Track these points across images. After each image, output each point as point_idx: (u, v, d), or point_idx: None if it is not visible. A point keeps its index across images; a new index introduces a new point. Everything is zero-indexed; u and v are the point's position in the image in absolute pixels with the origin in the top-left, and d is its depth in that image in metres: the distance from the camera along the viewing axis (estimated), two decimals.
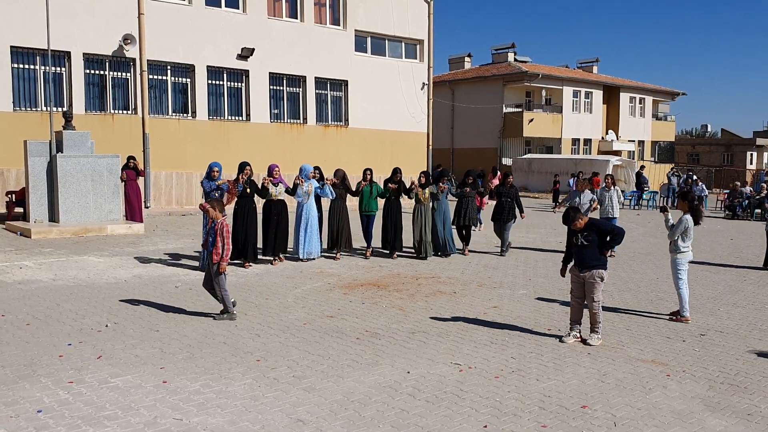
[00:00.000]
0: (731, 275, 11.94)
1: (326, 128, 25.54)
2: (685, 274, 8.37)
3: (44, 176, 15.48)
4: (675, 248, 8.40)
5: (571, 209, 7.34)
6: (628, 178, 35.06)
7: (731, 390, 5.87)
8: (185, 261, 11.98)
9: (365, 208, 12.92)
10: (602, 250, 7.23)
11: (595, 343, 7.13)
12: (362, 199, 12.91)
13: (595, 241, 7.16)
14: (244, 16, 23.01)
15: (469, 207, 13.53)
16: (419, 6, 27.91)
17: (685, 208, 8.46)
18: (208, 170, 11.19)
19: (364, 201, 12.90)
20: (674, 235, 8.35)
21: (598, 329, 7.26)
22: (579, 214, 7.26)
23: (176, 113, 22.09)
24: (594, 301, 7.18)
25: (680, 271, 8.35)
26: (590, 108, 44.95)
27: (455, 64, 48.38)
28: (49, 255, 12.19)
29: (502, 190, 13.85)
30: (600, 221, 7.61)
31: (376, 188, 12.92)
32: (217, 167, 11.16)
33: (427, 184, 12.94)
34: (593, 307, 7.20)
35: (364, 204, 12.91)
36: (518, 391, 5.72)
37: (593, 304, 7.19)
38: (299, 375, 5.99)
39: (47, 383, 5.63)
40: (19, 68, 18.95)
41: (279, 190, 11.77)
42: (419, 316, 8.31)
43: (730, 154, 60.84)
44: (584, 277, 7.20)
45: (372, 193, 12.84)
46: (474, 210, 13.76)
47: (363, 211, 12.97)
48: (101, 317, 7.90)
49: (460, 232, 13.68)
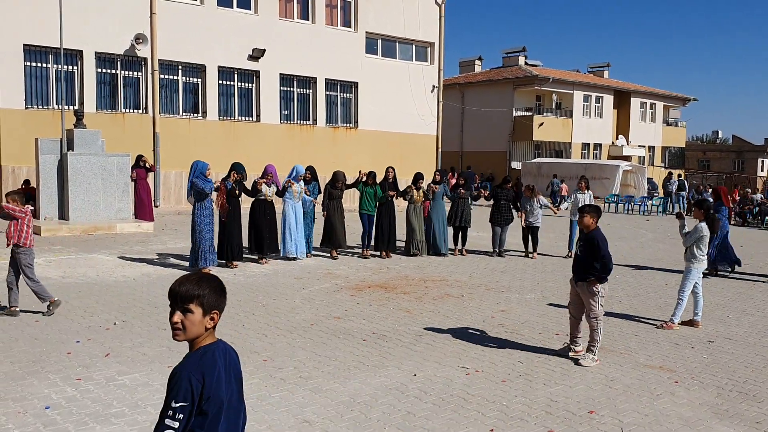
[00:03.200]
0: (741, 282, 11.87)
1: (336, 130, 25.56)
2: (691, 285, 8.19)
3: (55, 174, 15.56)
4: (690, 257, 8.21)
5: (586, 205, 6.96)
6: (638, 184, 34.93)
7: (740, 398, 5.83)
8: None
9: (365, 208, 13.01)
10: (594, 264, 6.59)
11: (586, 364, 6.54)
12: (362, 199, 13.02)
13: (589, 255, 6.64)
14: (255, 17, 23.07)
15: (465, 208, 13.62)
16: (430, 9, 27.91)
17: (701, 217, 8.25)
18: (202, 169, 10.65)
19: (364, 201, 12.99)
20: (688, 242, 8.19)
21: (594, 349, 6.65)
22: (589, 213, 6.78)
23: (187, 113, 22.17)
24: (591, 317, 6.64)
25: (688, 281, 8.19)
26: (600, 113, 44.82)
27: (465, 67, 48.35)
28: (58, 252, 12.25)
29: (500, 192, 13.86)
30: (601, 241, 6.64)
31: (377, 190, 13.04)
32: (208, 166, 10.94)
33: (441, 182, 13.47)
34: (590, 324, 6.65)
35: (365, 204, 13.00)
36: (525, 395, 5.70)
37: (590, 320, 6.65)
38: (306, 376, 5.99)
39: (55, 380, 5.65)
40: (32, 66, 19.06)
41: (272, 190, 11.90)
42: (427, 318, 8.30)
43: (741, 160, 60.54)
44: (579, 288, 6.75)
45: (375, 194, 12.98)
46: (469, 211, 13.79)
47: (363, 210, 13.05)
48: (109, 315, 7.93)
49: (456, 233, 13.78)
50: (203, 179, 10.55)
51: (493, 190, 14.34)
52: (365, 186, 12.94)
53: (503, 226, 13.72)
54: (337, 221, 12.68)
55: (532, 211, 13.70)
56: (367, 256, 12.90)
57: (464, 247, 13.83)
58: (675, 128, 51.67)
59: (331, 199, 12.70)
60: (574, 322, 6.92)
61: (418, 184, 13.23)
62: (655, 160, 48.56)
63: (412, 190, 13.15)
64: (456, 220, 13.61)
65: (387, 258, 12.91)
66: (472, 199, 14.11)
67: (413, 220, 13.22)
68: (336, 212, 12.72)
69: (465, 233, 13.84)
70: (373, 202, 12.99)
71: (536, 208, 13.72)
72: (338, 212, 12.76)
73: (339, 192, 12.81)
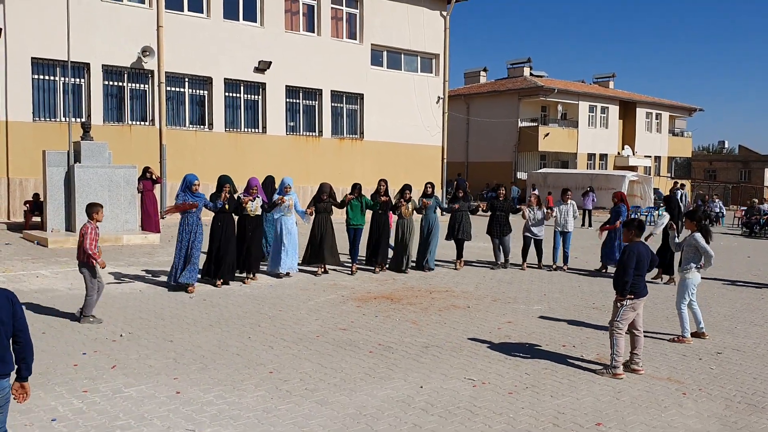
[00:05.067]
0: (748, 293, 11.80)
1: (341, 141, 25.63)
2: (688, 296, 8.08)
3: (62, 186, 15.63)
4: (684, 268, 8.18)
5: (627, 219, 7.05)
6: (645, 194, 34.84)
7: (748, 410, 5.79)
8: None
9: (352, 221, 12.62)
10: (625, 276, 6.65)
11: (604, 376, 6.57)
12: (349, 212, 12.62)
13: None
14: (261, 29, 23.21)
15: (463, 221, 13.33)
16: (435, 20, 28.03)
17: (693, 228, 8.22)
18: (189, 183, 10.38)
19: (351, 214, 12.60)
20: (685, 253, 8.17)
21: (610, 362, 6.63)
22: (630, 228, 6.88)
23: (193, 125, 22.27)
24: (610, 327, 6.72)
25: (685, 292, 8.09)
26: (606, 123, 44.84)
27: (471, 78, 48.49)
28: (65, 264, 12.28)
29: (496, 203, 13.70)
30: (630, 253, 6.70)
31: (365, 201, 12.65)
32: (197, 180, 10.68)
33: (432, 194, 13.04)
34: (609, 334, 6.73)
35: (351, 217, 12.60)
36: (532, 407, 5.67)
37: (610, 329, 6.74)
38: (312, 388, 5.98)
39: (61, 392, 5.66)
40: (40, 79, 19.20)
41: (256, 205, 11.12)
42: (433, 330, 8.28)
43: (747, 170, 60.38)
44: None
45: (362, 207, 12.57)
46: (468, 223, 13.45)
47: (350, 224, 12.68)
48: (116, 327, 7.94)
49: (458, 245, 13.52)
50: (190, 194, 10.37)
51: (490, 201, 14.14)
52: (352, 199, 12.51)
53: (501, 237, 13.55)
54: (325, 235, 11.93)
55: (535, 223, 13.59)
56: (354, 272, 12.27)
57: (462, 260, 13.55)
58: (681, 138, 51.63)
59: (317, 213, 11.99)
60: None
61: (405, 195, 12.79)
62: (661, 170, 48.51)
63: (402, 204, 12.73)
64: (456, 233, 13.34)
65: (381, 272, 12.54)
66: (471, 212, 13.56)
67: (402, 234, 12.76)
68: (321, 227, 11.97)
69: (461, 246, 13.54)
70: (360, 214, 12.58)
71: (540, 218, 13.63)
72: (325, 226, 12.00)
73: (325, 205, 12.08)
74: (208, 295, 9.96)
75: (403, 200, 12.81)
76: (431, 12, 27.79)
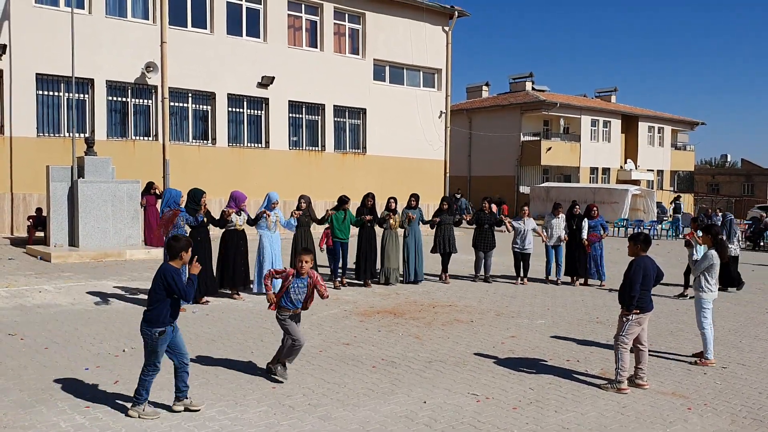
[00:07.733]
0: (753, 307, 11.75)
1: (344, 155, 25.69)
2: (709, 314, 7.79)
3: (65, 201, 15.67)
4: (698, 286, 7.86)
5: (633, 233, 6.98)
6: (647, 208, 34.80)
7: (754, 425, 5.75)
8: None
9: (336, 235, 12.33)
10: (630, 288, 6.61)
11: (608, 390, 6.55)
12: (334, 226, 12.35)
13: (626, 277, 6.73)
14: (264, 45, 23.34)
15: (448, 234, 13.36)
16: (437, 36, 28.17)
17: (709, 243, 7.93)
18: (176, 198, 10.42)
19: (335, 228, 12.34)
20: (697, 272, 7.87)
21: (615, 377, 6.61)
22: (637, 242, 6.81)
23: (196, 140, 22.34)
24: (615, 341, 6.68)
25: (705, 310, 7.76)
26: (608, 137, 44.89)
27: (473, 92, 48.61)
28: (68, 279, 12.29)
29: (482, 216, 13.72)
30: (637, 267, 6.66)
31: (349, 216, 12.46)
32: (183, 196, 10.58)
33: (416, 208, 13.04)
34: (614, 348, 6.68)
35: (335, 231, 12.33)
36: (536, 422, 5.64)
37: (615, 344, 6.69)
38: (315, 403, 5.96)
39: (64, 407, 5.64)
40: (44, 95, 19.30)
41: (242, 219, 10.89)
42: (436, 344, 8.25)
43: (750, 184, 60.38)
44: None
45: (344, 220, 12.37)
46: (453, 236, 13.50)
47: (334, 237, 12.34)
48: (119, 342, 7.92)
49: (444, 259, 13.52)
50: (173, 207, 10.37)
51: (475, 214, 14.16)
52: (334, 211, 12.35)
53: (486, 251, 13.58)
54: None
55: (524, 236, 13.58)
56: (339, 287, 12.18)
57: (447, 273, 13.54)
58: (683, 152, 51.65)
59: (299, 226, 11.73)
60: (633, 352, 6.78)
61: (390, 207, 12.76)
62: (664, 184, 48.49)
63: (390, 217, 12.75)
64: (444, 246, 13.33)
65: (368, 287, 12.40)
66: (454, 224, 13.60)
67: (388, 247, 12.76)
68: (302, 241, 11.66)
69: (447, 259, 13.56)
70: (343, 227, 12.37)
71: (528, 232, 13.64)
72: (305, 241, 11.72)
73: (304, 218, 11.81)
74: (210, 310, 9.95)
75: (390, 213, 12.85)
76: (433, 27, 27.95)
